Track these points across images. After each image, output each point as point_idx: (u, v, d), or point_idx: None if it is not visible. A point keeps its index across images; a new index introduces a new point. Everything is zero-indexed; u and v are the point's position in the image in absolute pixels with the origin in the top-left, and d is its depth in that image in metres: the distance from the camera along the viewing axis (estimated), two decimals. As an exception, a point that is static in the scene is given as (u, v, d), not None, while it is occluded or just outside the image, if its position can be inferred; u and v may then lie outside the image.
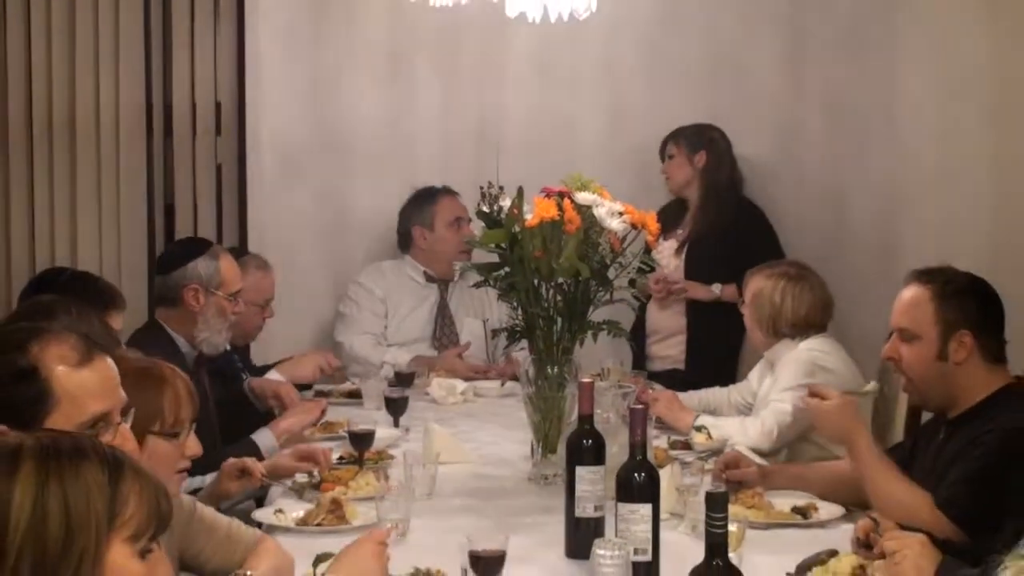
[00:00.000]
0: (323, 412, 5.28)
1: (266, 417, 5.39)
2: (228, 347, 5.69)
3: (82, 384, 2.94)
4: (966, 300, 4.28)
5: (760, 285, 5.60)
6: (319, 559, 3.40)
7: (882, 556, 3.63)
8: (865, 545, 3.73)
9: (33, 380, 2.90)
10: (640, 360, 6.90)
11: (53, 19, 6.93)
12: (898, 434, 5.49)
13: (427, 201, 6.91)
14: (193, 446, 3.54)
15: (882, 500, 4.08)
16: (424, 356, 6.70)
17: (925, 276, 4.38)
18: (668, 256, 6.94)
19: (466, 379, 6.28)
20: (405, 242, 6.99)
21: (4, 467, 2.24)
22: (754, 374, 5.88)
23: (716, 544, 2.73)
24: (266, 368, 6.31)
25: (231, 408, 5.29)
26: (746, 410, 5.74)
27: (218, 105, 7.19)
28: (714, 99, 7.25)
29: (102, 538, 2.22)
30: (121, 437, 3.00)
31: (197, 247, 5.67)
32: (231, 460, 4.52)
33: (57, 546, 2.19)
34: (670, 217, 6.90)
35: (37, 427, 2.82)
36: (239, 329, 5.83)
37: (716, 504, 2.76)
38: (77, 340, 3.00)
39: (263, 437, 4.94)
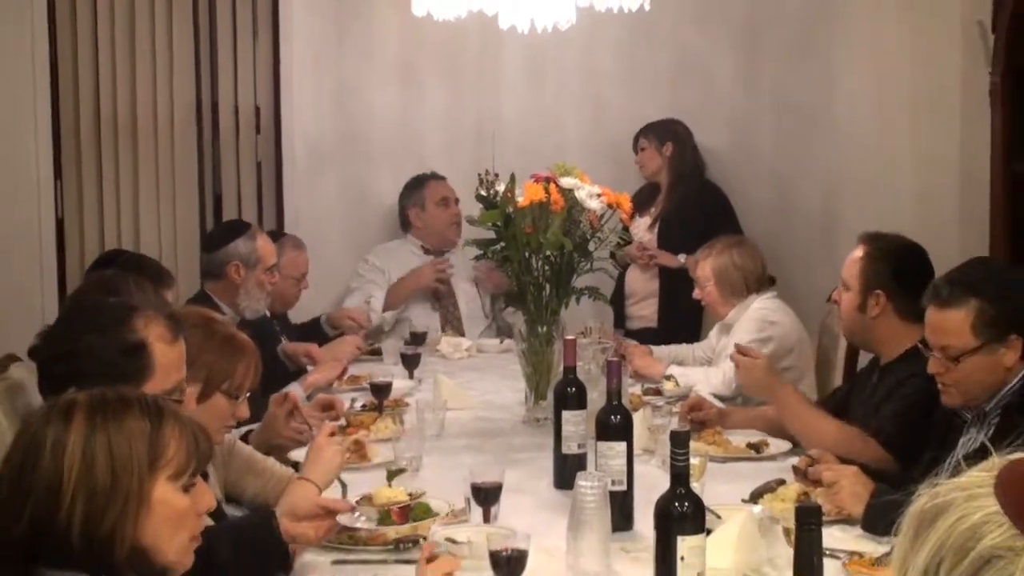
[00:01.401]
0: (344, 370, 5.25)
1: (296, 376, 5.39)
2: (267, 314, 5.70)
3: (171, 359, 2.97)
4: (885, 264, 4.28)
5: (717, 263, 5.64)
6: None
7: (819, 484, 3.64)
8: (804, 475, 3.74)
9: (141, 355, 2.92)
10: (619, 320, 6.92)
11: (116, 33, 6.89)
12: (839, 373, 5.54)
13: (417, 186, 6.93)
14: (244, 411, 3.55)
15: (814, 438, 4.07)
16: (395, 281, 6.78)
17: (866, 238, 4.41)
18: (643, 231, 6.94)
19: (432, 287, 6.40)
20: (405, 223, 7.00)
21: (60, 420, 2.25)
22: (713, 333, 5.93)
23: (680, 475, 2.72)
24: (307, 325, 6.34)
25: (267, 366, 5.28)
26: (707, 363, 5.77)
27: (257, 108, 7.16)
28: (679, 97, 7.24)
29: (145, 479, 2.22)
30: (189, 399, 3.02)
31: (238, 228, 5.70)
32: (276, 395, 4.53)
33: (105, 487, 2.19)
34: (644, 198, 6.93)
35: None
36: (279, 299, 5.87)
37: (679, 441, 2.75)
38: (168, 320, 3.03)
39: (294, 389, 4.93)
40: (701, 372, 5.49)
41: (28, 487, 2.21)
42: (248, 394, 3.56)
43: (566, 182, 4.45)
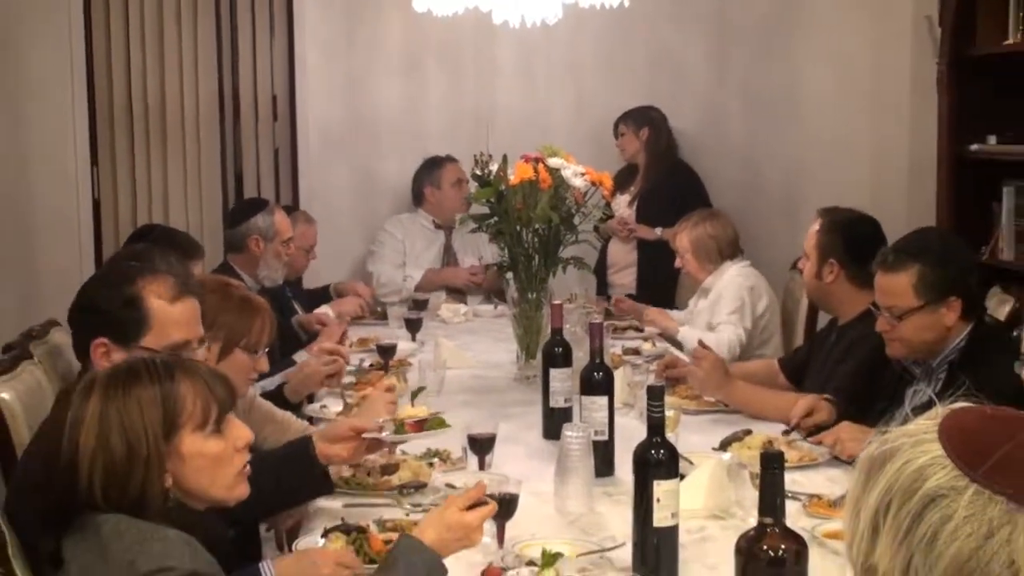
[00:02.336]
0: (345, 333, 5.23)
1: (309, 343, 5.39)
2: (282, 282, 5.70)
3: (170, 316, 2.93)
4: (838, 235, 4.31)
5: (694, 234, 5.68)
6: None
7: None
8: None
9: (136, 307, 2.90)
10: (602, 287, 6.92)
11: (146, 30, 6.90)
12: (800, 333, 5.58)
13: (436, 166, 6.90)
14: (263, 365, 3.56)
15: (773, 413, 4.06)
16: (433, 269, 6.75)
17: (822, 212, 4.46)
18: (623, 207, 6.94)
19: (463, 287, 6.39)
20: (418, 198, 6.97)
21: (82, 395, 2.25)
22: (691, 300, 5.93)
23: (655, 426, 2.71)
24: (318, 291, 6.33)
25: (282, 333, 5.27)
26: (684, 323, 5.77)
27: (274, 97, 7.17)
28: (655, 86, 7.22)
29: (162, 445, 2.21)
30: (232, 362, 3.03)
31: (257, 205, 5.71)
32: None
33: (122, 455, 2.18)
34: (624, 177, 6.95)
35: (133, 345, 2.86)
36: (290, 268, 5.86)
37: (655, 395, 2.74)
38: (173, 282, 2.99)
39: (302, 356, 4.92)
40: (699, 334, 5.44)
41: (54, 463, 2.22)
42: (267, 349, 3.56)
43: (553, 162, 4.45)
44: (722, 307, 5.47)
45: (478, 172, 4.58)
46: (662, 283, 6.55)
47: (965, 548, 1.26)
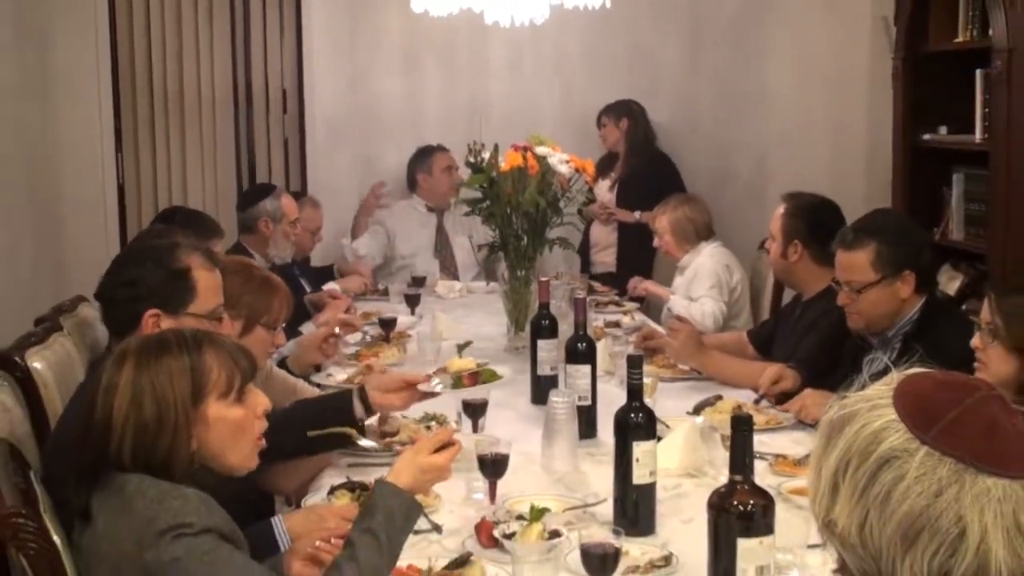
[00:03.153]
0: (351, 307, 5.22)
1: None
2: (291, 260, 5.70)
3: (210, 284, 2.96)
4: (801, 218, 4.33)
5: (672, 216, 5.69)
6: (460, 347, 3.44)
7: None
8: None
9: (186, 279, 2.92)
10: (585, 265, 6.93)
11: (166, 27, 6.88)
12: (767, 308, 5.59)
13: (427, 155, 6.87)
14: (281, 339, 3.57)
15: (743, 380, 4.07)
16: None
17: (787, 196, 4.47)
18: (604, 192, 6.93)
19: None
20: (412, 184, 6.95)
21: (116, 364, 2.25)
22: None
23: (635, 392, 2.72)
24: (323, 269, 6.32)
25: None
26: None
27: (284, 91, 7.14)
28: (634, 81, 7.21)
29: (190, 412, 2.21)
30: (226, 323, 3.02)
31: (265, 190, 5.72)
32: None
33: (153, 420, 2.18)
34: (605, 165, 6.95)
35: (181, 312, 2.89)
36: (298, 247, 5.85)
37: (635, 363, 2.74)
38: (205, 253, 3.03)
39: (308, 328, 4.92)
40: (686, 303, 5.47)
41: (88, 426, 2.23)
42: (284, 324, 3.56)
43: (540, 151, 4.45)
44: (701, 283, 5.47)
45: (471, 160, 4.57)
46: (640, 262, 6.55)
47: (916, 505, 1.26)
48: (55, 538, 2.17)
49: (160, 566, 2.06)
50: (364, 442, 2.94)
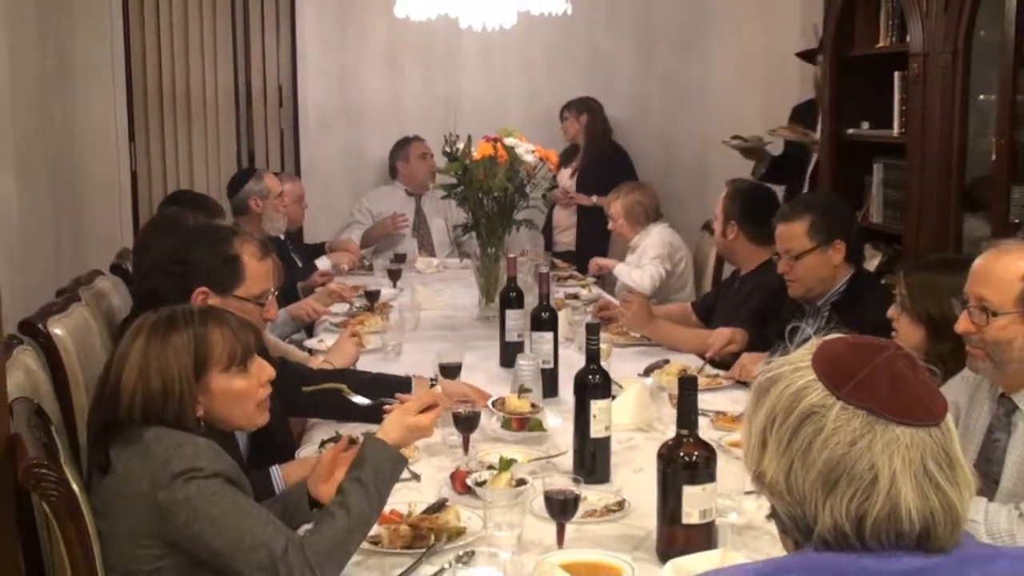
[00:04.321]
0: (338, 293, 5.17)
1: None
2: (283, 235, 5.63)
3: (258, 272, 2.94)
4: (738, 201, 4.34)
5: (626, 201, 5.69)
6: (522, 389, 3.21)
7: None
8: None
9: (236, 264, 2.90)
10: (548, 244, 6.92)
11: (174, 26, 6.83)
12: (708, 279, 5.62)
13: (404, 144, 6.82)
14: (272, 310, 3.52)
15: (689, 346, 4.08)
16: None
17: (729, 182, 4.48)
18: (566, 179, 6.91)
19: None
20: (393, 172, 6.90)
21: (132, 335, 2.27)
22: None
23: (592, 355, 2.71)
24: (314, 247, 6.28)
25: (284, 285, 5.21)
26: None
27: (280, 86, 7.08)
28: (592, 80, 7.18)
29: (192, 384, 2.22)
30: (272, 305, 2.99)
31: (248, 173, 5.64)
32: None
33: (159, 390, 2.19)
34: (567, 155, 6.92)
35: (228, 294, 2.88)
36: (290, 219, 5.76)
37: (592, 331, 2.74)
38: (258, 243, 2.99)
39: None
40: (628, 269, 5.53)
41: (104, 389, 2.25)
42: (275, 293, 3.53)
43: (509, 142, 4.42)
44: (647, 255, 5.49)
45: (447, 150, 4.54)
46: (597, 241, 6.54)
47: (834, 454, 1.27)
48: (74, 486, 2.15)
49: (173, 504, 2.08)
50: (356, 399, 2.91)
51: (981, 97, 4.59)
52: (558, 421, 3.04)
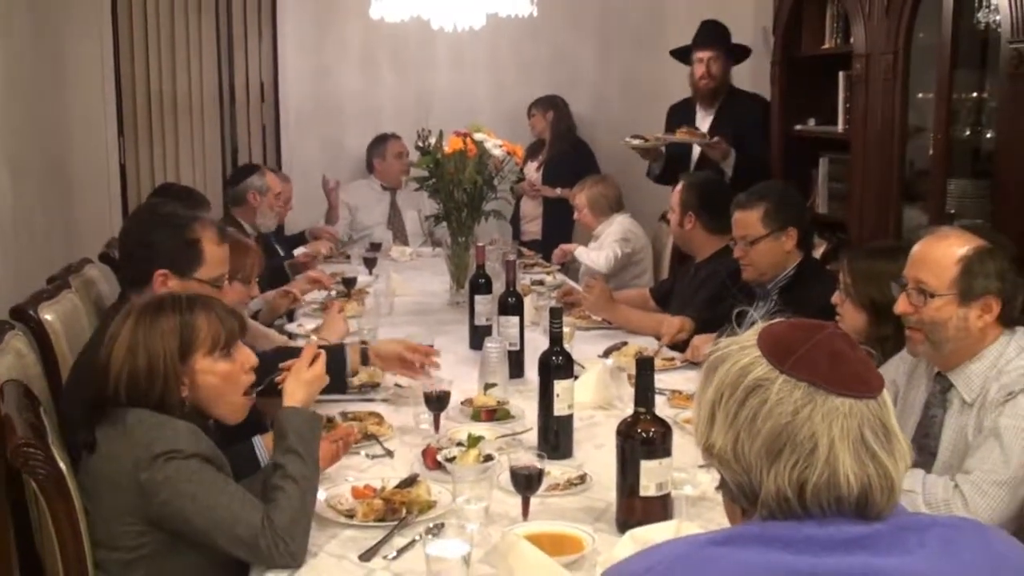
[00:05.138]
0: (317, 281, 5.13)
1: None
2: (274, 228, 5.61)
3: (216, 256, 2.89)
4: (695, 193, 4.32)
5: (588, 193, 5.71)
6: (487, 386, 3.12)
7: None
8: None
9: (196, 247, 2.85)
10: (516, 234, 6.88)
11: (161, 26, 6.75)
12: (665, 267, 5.62)
13: (382, 142, 6.76)
14: (255, 291, 3.55)
15: (646, 329, 4.07)
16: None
17: (685, 175, 4.45)
18: (532, 172, 6.87)
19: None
20: (369, 167, 6.86)
21: (122, 317, 2.26)
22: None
23: (555, 338, 2.70)
24: (295, 236, 6.23)
25: (271, 273, 5.16)
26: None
27: (262, 84, 7.01)
28: (557, 78, 7.15)
29: (177, 365, 2.20)
30: (227, 289, 2.96)
31: (252, 168, 5.60)
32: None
33: (144, 370, 2.18)
34: (533, 149, 6.90)
35: (188, 276, 2.83)
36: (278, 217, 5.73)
37: (556, 315, 2.72)
38: (216, 228, 2.97)
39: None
40: (585, 250, 5.56)
41: (93, 365, 2.24)
42: (257, 278, 3.52)
43: (478, 137, 4.40)
44: (609, 238, 5.50)
45: (420, 144, 4.51)
46: (561, 231, 6.52)
47: (778, 424, 1.27)
48: (61, 465, 2.13)
49: (154, 484, 2.07)
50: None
51: (920, 95, 4.61)
52: (522, 411, 3.01)
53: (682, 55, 5.88)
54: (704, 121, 5.71)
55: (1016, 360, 2.32)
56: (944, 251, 2.39)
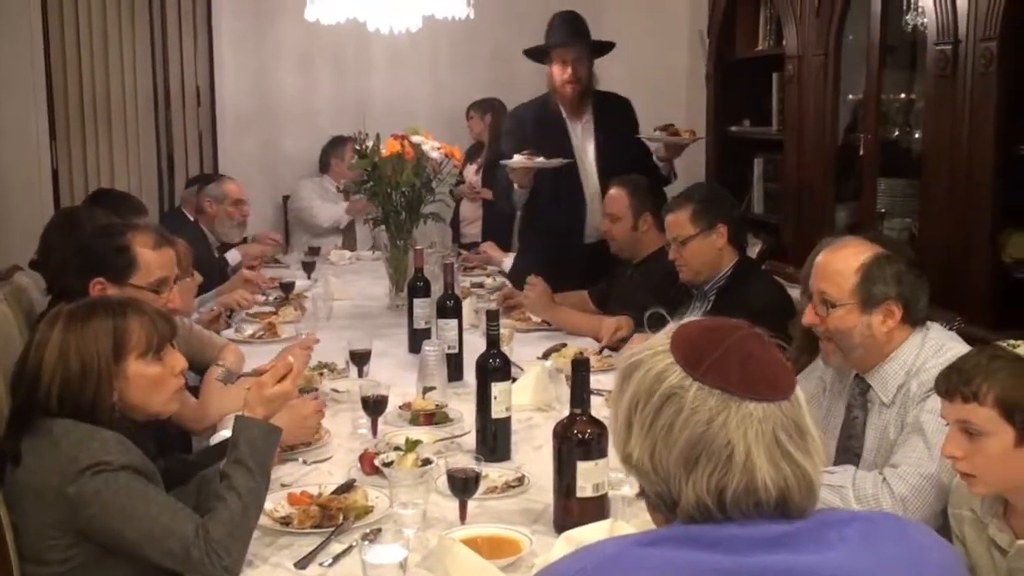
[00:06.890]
0: (250, 281, 5.05)
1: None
2: (236, 240, 5.59)
3: (151, 260, 2.90)
4: (646, 195, 4.30)
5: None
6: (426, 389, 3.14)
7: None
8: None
9: (127, 254, 2.87)
10: (455, 236, 6.89)
11: (93, 29, 6.62)
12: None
13: (341, 143, 6.63)
14: (197, 278, 3.60)
15: (585, 331, 4.07)
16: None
17: (620, 182, 4.38)
18: (471, 174, 6.87)
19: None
20: (324, 166, 6.83)
21: (49, 323, 2.22)
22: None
23: (493, 341, 2.70)
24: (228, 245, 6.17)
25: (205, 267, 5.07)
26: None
27: (197, 88, 6.91)
28: (495, 79, 7.14)
29: (111, 367, 2.18)
30: (174, 293, 2.96)
31: (211, 177, 5.61)
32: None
33: (77, 373, 2.15)
34: (472, 152, 6.91)
35: (124, 282, 2.85)
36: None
37: (492, 317, 2.72)
38: (154, 234, 2.97)
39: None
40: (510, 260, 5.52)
41: (22, 373, 2.19)
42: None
43: (415, 139, 4.38)
44: None
45: (357, 147, 4.49)
46: (501, 234, 6.52)
47: (694, 433, 1.26)
48: (-13, 477, 2.09)
49: (82, 498, 2.03)
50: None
51: (850, 96, 4.68)
52: (461, 414, 3.01)
53: (537, 54, 5.26)
54: (584, 131, 5.03)
55: (934, 358, 2.38)
56: (843, 262, 2.45)
